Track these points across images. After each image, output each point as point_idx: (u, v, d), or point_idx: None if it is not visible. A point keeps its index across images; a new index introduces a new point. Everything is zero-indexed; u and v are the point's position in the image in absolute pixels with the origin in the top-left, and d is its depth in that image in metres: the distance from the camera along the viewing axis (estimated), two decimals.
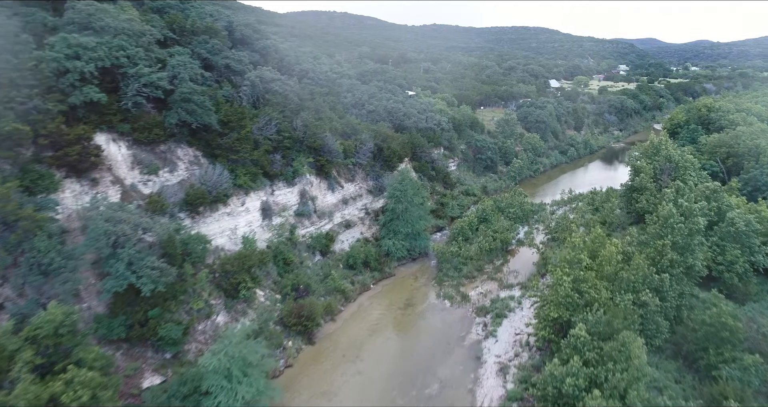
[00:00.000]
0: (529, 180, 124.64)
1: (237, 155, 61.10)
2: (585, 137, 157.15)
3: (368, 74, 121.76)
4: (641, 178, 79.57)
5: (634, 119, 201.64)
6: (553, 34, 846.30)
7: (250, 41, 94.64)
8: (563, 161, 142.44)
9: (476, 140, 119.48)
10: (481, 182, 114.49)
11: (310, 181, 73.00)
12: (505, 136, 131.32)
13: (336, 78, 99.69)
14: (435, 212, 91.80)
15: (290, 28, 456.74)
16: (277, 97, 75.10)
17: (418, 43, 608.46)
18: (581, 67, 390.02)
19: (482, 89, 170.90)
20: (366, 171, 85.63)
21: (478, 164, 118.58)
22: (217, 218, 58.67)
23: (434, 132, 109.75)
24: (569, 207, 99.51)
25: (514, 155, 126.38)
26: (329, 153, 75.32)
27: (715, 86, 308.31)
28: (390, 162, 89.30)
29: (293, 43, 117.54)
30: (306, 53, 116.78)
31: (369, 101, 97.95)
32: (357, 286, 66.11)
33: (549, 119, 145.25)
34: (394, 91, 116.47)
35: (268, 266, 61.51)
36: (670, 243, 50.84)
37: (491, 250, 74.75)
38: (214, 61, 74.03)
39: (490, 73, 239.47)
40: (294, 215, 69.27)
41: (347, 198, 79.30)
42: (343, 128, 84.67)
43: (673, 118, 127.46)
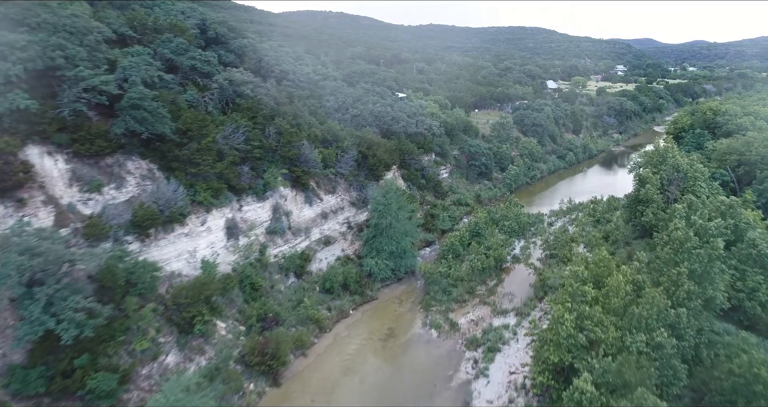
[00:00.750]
0: (526, 187, 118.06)
1: (197, 167, 54.22)
2: (584, 141, 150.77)
3: (355, 76, 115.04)
4: (647, 189, 73.07)
5: (633, 121, 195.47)
6: (550, 35, 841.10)
7: (225, 40, 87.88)
8: (561, 166, 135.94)
9: (470, 145, 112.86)
10: (475, 190, 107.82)
11: (284, 194, 66.19)
12: (501, 140, 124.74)
13: (319, 80, 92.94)
14: (424, 224, 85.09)
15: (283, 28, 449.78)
16: (248, 102, 68.30)
17: (414, 43, 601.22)
18: (579, 68, 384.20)
19: (477, 91, 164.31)
20: (349, 181, 78.84)
21: (471, 171, 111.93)
22: (172, 240, 51.79)
23: (425, 137, 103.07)
24: (568, 218, 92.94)
25: (510, 161, 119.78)
26: (306, 163, 68.56)
27: (714, 87, 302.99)
28: (375, 171, 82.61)
29: (274, 43, 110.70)
30: (288, 53, 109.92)
31: (354, 105, 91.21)
32: (334, 313, 59.30)
33: (546, 122, 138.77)
34: (383, 93, 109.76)
35: (232, 293, 54.69)
36: (687, 271, 44.25)
37: (484, 269, 68.09)
38: (178, 61, 67.20)
39: (486, 73, 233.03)
40: (265, 233, 62.44)
41: (327, 212, 72.53)
42: (323, 134, 77.89)
43: (677, 122, 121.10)
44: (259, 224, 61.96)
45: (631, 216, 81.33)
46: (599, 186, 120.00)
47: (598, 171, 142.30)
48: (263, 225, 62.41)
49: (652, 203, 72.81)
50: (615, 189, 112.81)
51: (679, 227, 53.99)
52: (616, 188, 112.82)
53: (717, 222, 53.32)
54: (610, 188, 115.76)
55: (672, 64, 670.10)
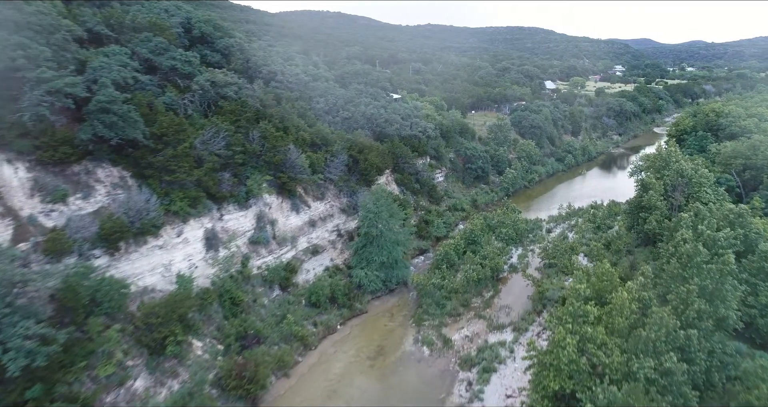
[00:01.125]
0: (524, 191, 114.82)
1: (172, 175, 50.78)
2: (583, 143, 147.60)
3: (348, 76, 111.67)
4: (650, 195, 69.86)
5: (633, 122, 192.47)
6: (548, 35, 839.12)
7: (211, 40, 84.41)
8: (560, 169, 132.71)
9: (466, 148, 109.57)
10: (471, 194, 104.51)
11: (269, 202, 62.77)
12: (498, 143, 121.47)
13: (309, 81, 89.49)
14: (418, 231, 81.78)
15: (279, 28, 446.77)
16: (232, 105, 64.84)
17: (412, 43, 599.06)
18: (577, 68, 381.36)
19: (474, 92, 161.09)
20: (339, 187, 75.46)
21: (467, 175, 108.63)
22: (145, 253, 48.35)
23: (419, 140, 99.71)
24: (568, 224, 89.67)
25: (508, 164, 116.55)
26: (292, 168, 65.14)
27: (714, 88, 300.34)
28: (367, 176, 79.25)
29: (264, 42, 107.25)
30: (279, 53, 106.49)
31: (345, 107, 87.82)
32: (320, 328, 55.90)
33: (545, 123, 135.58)
34: (376, 94, 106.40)
35: (211, 309, 51.29)
36: (697, 288, 40.97)
37: (480, 280, 64.76)
38: (157, 62, 63.70)
39: (483, 74, 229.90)
40: (248, 244, 59.02)
41: (315, 219, 69.12)
42: (312, 138, 74.52)
43: (679, 123, 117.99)
44: (242, 234, 58.54)
45: (633, 223, 78.17)
46: (599, 190, 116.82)
47: (597, 174, 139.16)
48: (246, 235, 59.00)
49: (655, 210, 69.70)
50: (615, 193, 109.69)
51: (686, 237, 50.89)
52: (616, 192, 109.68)
53: (726, 233, 50.18)
54: (610, 192, 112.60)
55: (670, 64, 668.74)
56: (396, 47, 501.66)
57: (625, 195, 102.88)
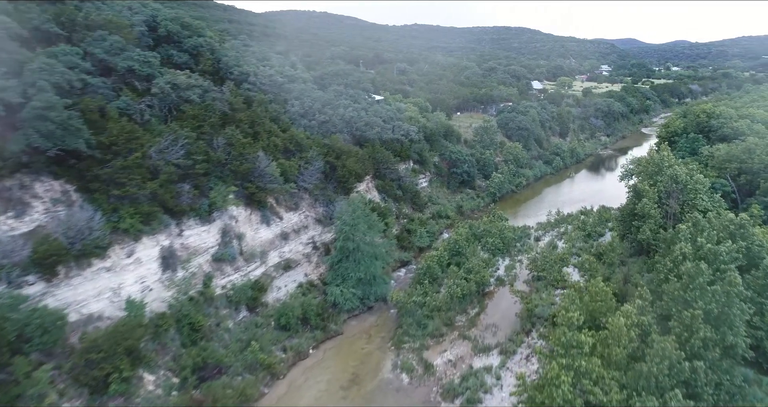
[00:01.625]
0: (511, 196, 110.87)
1: (122, 189, 45.70)
2: (571, 145, 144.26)
3: (328, 77, 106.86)
4: (643, 203, 66.04)
5: (621, 122, 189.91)
6: (535, 34, 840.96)
7: (178, 39, 79.08)
8: (548, 172, 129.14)
9: (451, 151, 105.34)
10: (457, 200, 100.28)
11: (236, 214, 57.83)
12: (484, 146, 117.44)
13: (284, 82, 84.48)
14: (400, 241, 77.32)
15: (264, 28, 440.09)
16: (195, 109, 59.78)
17: (399, 43, 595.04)
18: (564, 68, 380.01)
19: (460, 93, 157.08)
20: (314, 196, 70.70)
21: (453, 179, 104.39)
22: (89, 276, 43.23)
23: (402, 144, 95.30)
24: (557, 232, 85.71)
25: (494, 168, 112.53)
26: (262, 178, 60.29)
27: (700, 87, 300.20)
28: (345, 183, 74.61)
29: (238, 42, 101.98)
30: (254, 53, 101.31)
31: (322, 110, 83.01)
32: (290, 354, 51.14)
33: (532, 125, 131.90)
34: (357, 96, 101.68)
35: (166, 336, 46.31)
36: (702, 313, 36.94)
37: (464, 296, 60.39)
38: (112, 63, 58.49)
39: (470, 74, 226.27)
40: (211, 261, 54.06)
41: (288, 232, 64.28)
42: (285, 144, 69.67)
43: (669, 125, 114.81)
44: (204, 251, 53.57)
45: (626, 231, 74.43)
46: (588, 194, 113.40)
47: (585, 176, 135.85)
48: (209, 252, 54.04)
49: (649, 218, 65.91)
50: (604, 197, 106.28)
51: (685, 252, 47.02)
52: (606, 196, 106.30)
53: (728, 246, 46.36)
54: (600, 196, 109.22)
55: (656, 63, 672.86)
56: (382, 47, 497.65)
57: (614, 199, 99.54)
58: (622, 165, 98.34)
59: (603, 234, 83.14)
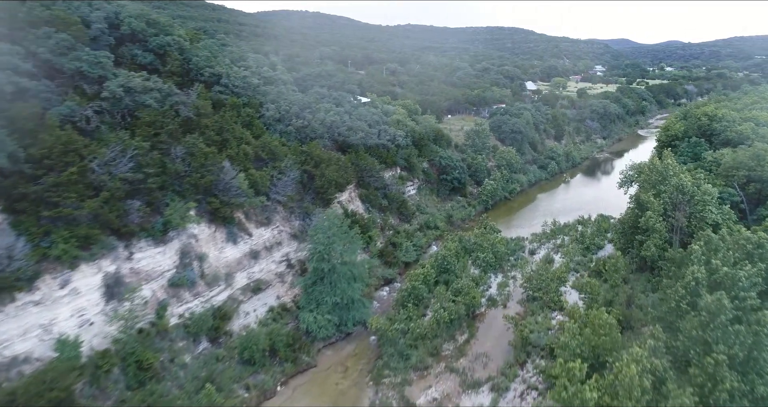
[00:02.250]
0: (504, 203, 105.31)
1: (54, 209, 39.61)
2: (566, 148, 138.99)
3: (310, 79, 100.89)
4: (648, 217, 60.56)
5: (617, 124, 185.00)
6: (528, 35, 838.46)
7: (143, 38, 72.92)
8: (543, 177, 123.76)
9: (441, 157, 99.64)
10: (447, 209, 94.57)
11: (197, 233, 51.82)
12: (476, 150, 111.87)
13: (259, 85, 78.41)
14: (384, 256, 71.56)
15: (254, 28, 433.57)
16: (152, 115, 53.68)
17: (391, 43, 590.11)
18: (558, 69, 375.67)
19: (451, 94, 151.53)
20: (289, 209, 64.82)
21: (442, 187, 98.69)
22: (13, 312, 37.14)
23: (388, 149, 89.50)
24: (553, 244, 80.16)
25: (487, 174, 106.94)
26: (227, 191, 54.31)
27: (696, 88, 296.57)
28: (324, 194, 68.77)
29: (212, 41, 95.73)
30: (232, 53, 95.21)
31: (300, 114, 77.03)
32: (254, 393, 45.21)
33: (526, 128, 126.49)
34: (341, 99, 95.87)
35: (108, 379, 40.26)
36: (726, 359, 31.42)
37: (452, 320, 54.66)
38: (59, 64, 52.37)
39: (462, 75, 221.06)
40: (167, 286, 48.04)
41: (258, 250, 58.33)
42: (257, 152, 63.69)
43: (669, 128, 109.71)
44: (159, 276, 47.54)
45: (627, 246, 69.09)
46: (584, 200, 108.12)
47: (582, 181, 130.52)
48: (164, 276, 48.01)
49: (653, 232, 60.50)
50: (602, 204, 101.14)
51: (698, 277, 41.54)
52: (604, 203, 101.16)
53: (747, 270, 40.88)
54: (597, 202, 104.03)
55: (649, 64, 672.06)
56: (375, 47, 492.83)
57: (613, 206, 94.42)
58: (621, 171, 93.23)
59: (602, 246, 77.76)
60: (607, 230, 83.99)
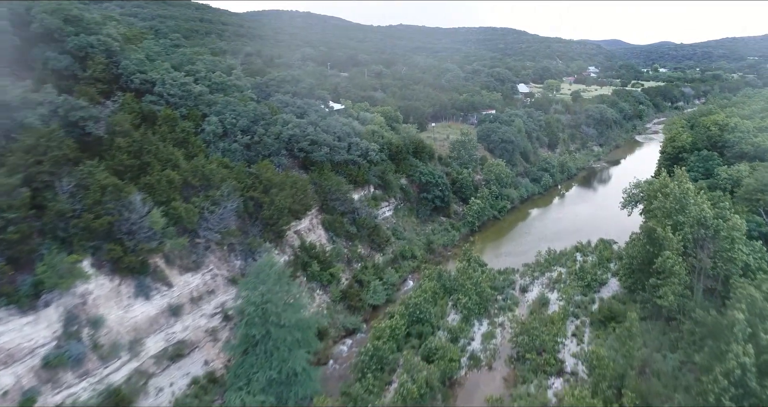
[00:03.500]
0: (493, 224, 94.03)
1: None
2: (561, 158, 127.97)
3: (273, 84, 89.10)
4: (665, 258, 49.35)
5: (614, 130, 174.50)
6: (521, 35, 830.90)
7: (60, 37, 61.10)
8: (536, 191, 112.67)
9: (421, 172, 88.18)
10: (427, 232, 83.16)
11: (90, 291, 39.99)
12: (462, 163, 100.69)
13: (202, 93, 66.60)
14: (347, 298, 60.08)
15: (237, 28, 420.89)
16: (32, 136, 41.78)
17: (382, 44, 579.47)
18: (551, 70, 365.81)
19: (437, 99, 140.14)
20: (227, 247, 53.15)
21: (423, 206, 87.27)
22: None
23: (359, 166, 78.02)
24: (548, 278, 68.88)
25: (473, 190, 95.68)
26: (136, 233, 42.55)
27: (693, 90, 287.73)
28: (274, 226, 57.25)
29: (154, 42, 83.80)
30: (184, 54, 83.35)
31: (251, 128, 65.32)
32: None
33: (517, 137, 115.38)
34: (308, 107, 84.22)
35: None
36: None
37: (422, 395, 43.15)
38: None
39: (451, 77, 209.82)
40: (40, 368, 36.18)
41: (181, 303, 46.58)
42: (186, 178, 51.90)
43: (675, 139, 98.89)
44: (27, 355, 35.68)
45: (636, 286, 58.10)
46: (581, 219, 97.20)
47: (578, 195, 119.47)
48: (36, 354, 36.16)
49: (671, 276, 49.35)
50: (601, 223, 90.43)
51: (744, 364, 30.58)
52: (603, 223, 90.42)
53: None
54: (595, 222, 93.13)
55: (642, 65, 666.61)
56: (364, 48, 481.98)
57: (613, 227, 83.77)
58: (624, 189, 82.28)
59: (605, 282, 66.59)
60: (610, 260, 73.01)
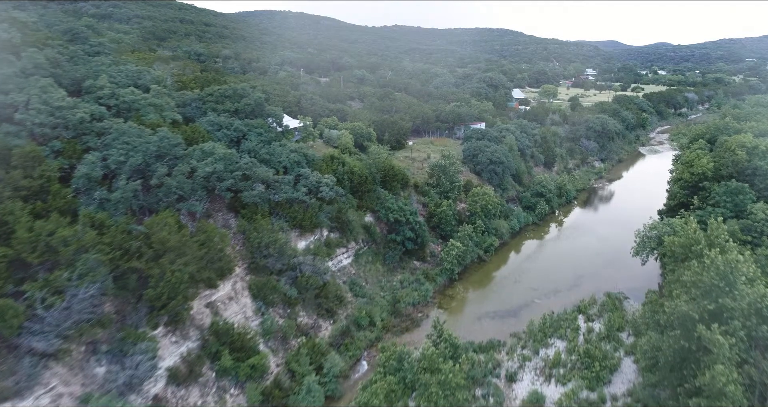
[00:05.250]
0: (477, 267, 78.31)
1: None
2: (559, 180, 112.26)
3: (211, 100, 73.11)
4: (716, 374, 33.73)
5: (616, 142, 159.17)
6: (517, 36, 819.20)
7: None
8: (530, 220, 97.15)
9: (389, 209, 72.41)
10: (394, 285, 67.41)
11: None
12: (442, 191, 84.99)
13: (83, 121, 50.41)
14: (271, 399, 44.28)
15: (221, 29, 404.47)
16: None
17: (375, 45, 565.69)
18: (547, 73, 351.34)
19: (419, 111, 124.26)
20: (87, 348, 37.25)
21: (391, 251, 71.54)
22: None
23: (306, 206, 62.23)
24: (542, 359, 53.13)
25: (455, 224, 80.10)
26: None
27: (696, 95, 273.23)
28: (167, 306, 41.39)
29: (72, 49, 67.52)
30: (98, 64, 67.35)
31: (152, 166, 49.29)
32: None
33: (508, 157, 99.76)
34: (248, 130, 68.41)
35: None
36: None
37: None
38: None
39: (439, 83, 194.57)
40: None
41: None
42: (24, 252, 35.88)
43: (693, 163, 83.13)
44: None
45: (664, 384, 42.58)
46: (583, 257, 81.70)
47: (577, 222, 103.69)
48: None
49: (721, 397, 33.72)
50: (607, 265, 75.27)
51: None
52: (608, 264, 75.33)
53: None
54: (599, 261, 77.84)
55: (640, 66, 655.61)
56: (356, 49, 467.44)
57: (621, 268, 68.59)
58: (636, 232, 66.97)
59: (616, 367, 50.87)
60: (622, 328, 57.51)
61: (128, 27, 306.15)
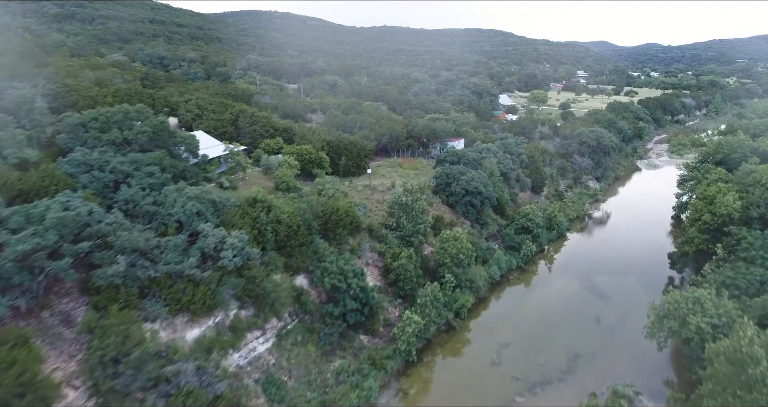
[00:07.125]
0: (444, 340, 61.29)
1: None
2: (550, 210, 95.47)
3: (94, 126, 55.37)
4: None
5: (612, 157, 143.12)
6: (507, 37, 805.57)
7: None
8: (514, 264, 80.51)
9: (325, 271, 55.13)
10: (328, 378, 50.13)
11: None
12: (404, 236, 68.07)
13: None
14: None
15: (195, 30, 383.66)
16: None
17: (363, 46, 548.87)
18: (537, 76, 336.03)
19: (387, 127, 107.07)
20: None
21: (329, 328, 54.22)
22: None
23: (197, 283, 44.87)
24: None
25: (419, 280, 63.23)
26: None
27: (693, 100, 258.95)
28: None
29: None
30: None
31: None
32: None
33: (488, 186, 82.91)
34: (135, 168, 51.00)
35: None
36: None
37: None
38: None
39: (418, 90, 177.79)
40: None
41: None
42: None
43: (718, 200, 66.64)
44: None
45: None
46: (579, 321, 65.19)
47: (570, 263, 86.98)
48: None
49: None
50: (612, 333, 58.94)
51: None
52: (609, 324, 58.73)
53: None
54: (600, 326, 61.36)
55: (631, 67, 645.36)
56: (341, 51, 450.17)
57: (628, 340, 51.87)
58: (649, 311, 50.24)
59: None
60: None
61: (91, 28, 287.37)
